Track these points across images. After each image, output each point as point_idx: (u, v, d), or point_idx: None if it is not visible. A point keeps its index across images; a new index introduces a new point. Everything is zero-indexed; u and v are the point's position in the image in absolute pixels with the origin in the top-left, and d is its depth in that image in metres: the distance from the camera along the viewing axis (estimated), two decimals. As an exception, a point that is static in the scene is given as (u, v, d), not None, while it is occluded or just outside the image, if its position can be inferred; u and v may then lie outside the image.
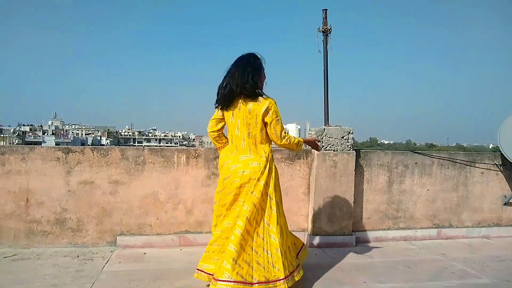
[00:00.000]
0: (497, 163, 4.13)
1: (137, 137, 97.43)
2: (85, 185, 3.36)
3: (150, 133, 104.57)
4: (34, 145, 3.53)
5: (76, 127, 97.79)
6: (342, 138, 3.60)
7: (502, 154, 4.02)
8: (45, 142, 65.84)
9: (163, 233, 3.46)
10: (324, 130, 3.60)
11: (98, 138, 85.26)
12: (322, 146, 3.58)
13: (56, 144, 55.80)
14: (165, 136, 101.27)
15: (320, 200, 3.56)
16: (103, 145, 56.73)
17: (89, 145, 45.28)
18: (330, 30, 3.84)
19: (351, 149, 3.63)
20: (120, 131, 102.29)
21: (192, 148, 3.82)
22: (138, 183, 3.43)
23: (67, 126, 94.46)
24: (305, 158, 3.68)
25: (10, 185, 3.27)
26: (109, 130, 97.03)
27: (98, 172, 3.38)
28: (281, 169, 3.41)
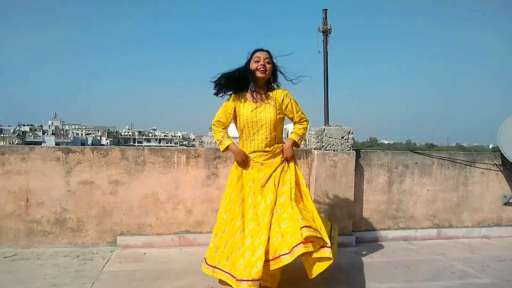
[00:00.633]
0: (497, 163, 4.13)
1: (137, 137, 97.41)
2: (85, 185, 3.36)
3: (150, 133, 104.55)
4: (34, 145, 3.53)
5: (76, 127, 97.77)
6: (342, 138, 3.60)
7: (502, 154, 4.02)
8: (45, 142, 65.81)
9: (163, 233, 3.46)
10: (324, 130, 3.60)
11: (98, 138, 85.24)
12: (322, 146, 3.59)
13: (56, 144, 55.81)
14: (165, 136, 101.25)
15: (320, 200, 3.56)
16: (103, 145, 56.73)
17: (89, 145, 45.29)
18: (330, 30, 3.85)
19: (351, 149, 3.63)
20: (120, 131, 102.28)
21: (192, 148, 3.82)
22: (138, 183, 3.43)
23: (67, 126, 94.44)
24: (305, 158, 3.68)
25: (10, 185, 3.27)
26: (109, 130, 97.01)
27: (98, 172, 3.38)
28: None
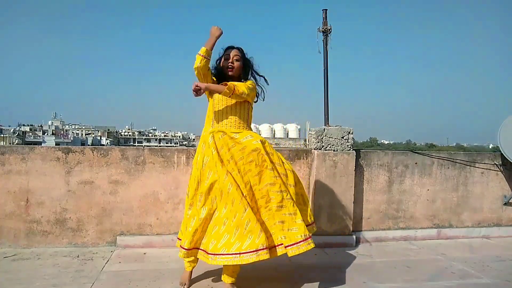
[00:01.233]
0: (497, 163, 4.13)
1: (137, 137, 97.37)
2: (85, 185, 3.36)
3: (150, 133, 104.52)
4: (34, 145, 3.53)
5: (76, 127, 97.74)
6: (342, 138, 3.60)
7: (502, 154, 4.02)
8: (45, 142, 65.78)
9: (163, 233, 3.46)
10: (324, 130, 3.60)
11: (98, 138, 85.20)
12: (322, 146, 3.59)
13: (56, 144, 55.80)
14: (165, 136, 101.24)
15: (320, 200, 3.56)
16: (103, 145, 56.75)
17: (89, 145, 45.31)
18: (330, 30, 3.85)
19: (351, 149, 3.63)
20: (120, 131, 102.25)
21: (192, 148, 3.82)
22: (138, 183, 3.43)
23: (67, 126, 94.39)
24: (305, 158, 3.68)
25: (10, 185, 3.27)
26: (109, 130, 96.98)
27: (98, 172, 3.38)
28: (281, 169, 3.40)
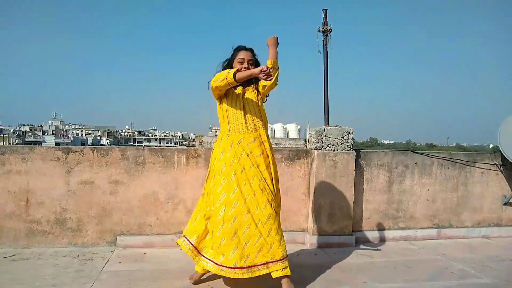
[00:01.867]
0: (497, 163, 4.13)
1: (137, 137, 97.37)
2: (85, 185, 3.36)
3: (150, 133, 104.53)
4: (34, 145, 3.54)
5: (76, 127, 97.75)
6: (342, 138, 3.60)
7: (502, 154, 4.02)
8: (45, 142, 65.80)
9: (163, 233, 3.46)
10: (324, 130, 3.60)
11: (98, 138, 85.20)
12: (322, 146, 3.59)
13: (56, 144, 55.80)
14: (165, 136, 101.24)
15: (320, 200, 3.56)
16: (103, 145, 56.76)
17: (89, 145, 45.33)
18: (330, 30, 3.85)
19: (351, 149, 3.63)
20: (120, 131, 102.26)
21: (192, 148, 3.83)
22: (138, 183, 3.43)
23: (67, 126, 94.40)
24: (305, 158, 3.68)
25: (10, 185, 3.27)
26: (109, 130, 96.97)
27: (98, 172, 3.38)
28: (281, 169, 3.41)
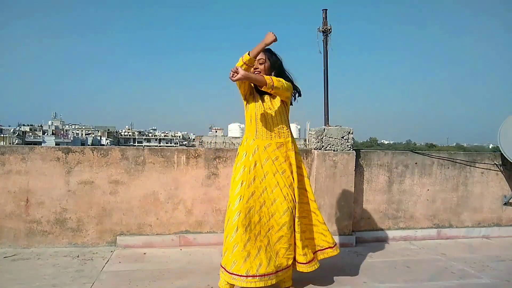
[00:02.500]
0: (497, 163, 4.13)
1: (137, 137, 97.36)
2: (85, 185, 3.36)
3: (150, 133, 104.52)
4: (34, 145, 3.53)
5: (76, 127, 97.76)
6: (342, 138, 3.60)
7: (502, 154, 4.02)
8: (45, 142, 65.77)
9: (163, 233, 3.46)
10: (324, 130, 3.60)
11: (98, 138, 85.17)
12: (322, 146, 3.59)
13: (56, 144, 55.78)
14: (165, 136, 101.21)
15: (320, 200, 3.55)
16: (103, 145, 56.72)
17: (89, 145, 45.26)
18: (330, 30, 3.84)
19: (351, 149, 3.63)
20: (120, 131, 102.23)
21: (192, 148, 3.82)
22: (138, 183, 3.43)
23: (67, 126, 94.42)
24: (305, 158, 3.68)
25: (10, 185, 3.27)
26: (109, 130, 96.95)
27: (98, 172, 3.38)
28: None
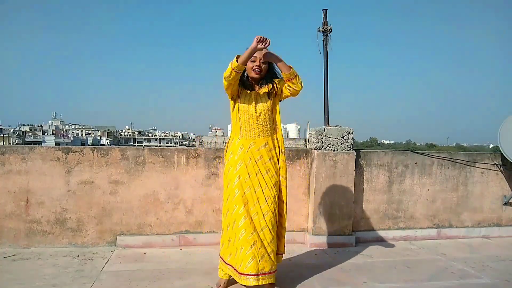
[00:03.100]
0: (497, 163, 4.13)
1: (137, 137, 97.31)
2: (85, 185, 3.36)
3: (150, 133, 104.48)
4: (34, 145, 3.53)
5: (76, 127, 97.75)
6: (342, 138, 3.60)
7: (502, 154, 4.02)
8: (45, 142, 65.75)
9: (163, 233, 3.46)
10: (324, 130, 3.60)
11: (98, 138, 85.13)
12: (322, 146, 3.59)
13: (56, 144, 55.76)
14: (165, 136, 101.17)
15: (320, 200, 3.56)
16: (103, 145, 56.70)
17: (89, 145, 45.25)
18: (330, 30, 3.85)
19: (351, 149, 3.63)
20: (120, 131, 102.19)
21: (192, 148, 3.82)
22: (138, 183, 3.43)
23: (67, 126, 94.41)
24: (305, 158, 3.68)
25: (10, 185, 3.27)
26: (109, 130, 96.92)
27: (98, 172, 3.38)
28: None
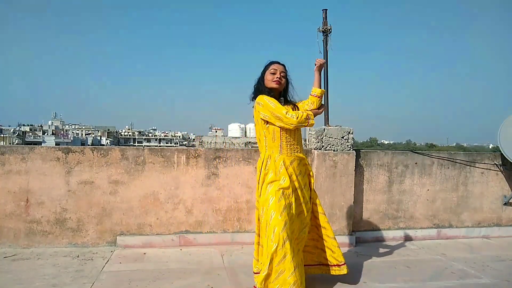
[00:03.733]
0: (497, 163, 4.13)
1: (137, 137, 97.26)
2: (85, 185, 3.36)
3: (150, 133, 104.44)
4: (34, 145, 3.54)
5: (76, 127, 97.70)
6: (342, 138, 3.60)
7: (502, 154, 4.02)
8: (45, 142, 65.66)
9: (163, 233, 3.46)
10: (324, 130, 3.60)
11: (98, 138, 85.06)
12: (322, 146, 3.59)
13: (56, 144, 55.74)
14: (165, 136, 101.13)
15: (320, 200, 3.55)
16: (103, 145, 56.73)
17: (89, 145, 45.30)
18: (330, 30, 3.84)
19: (351, 149, 3.63)
20: (120, 131, 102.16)
21: (192, 148, 3.82)
22: (138, 183, 3.43)
23: (67, 126, 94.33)
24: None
25: (10, 185, 3.27)
26: (109, 130, 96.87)
27: (98, 172, 3.38)
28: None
